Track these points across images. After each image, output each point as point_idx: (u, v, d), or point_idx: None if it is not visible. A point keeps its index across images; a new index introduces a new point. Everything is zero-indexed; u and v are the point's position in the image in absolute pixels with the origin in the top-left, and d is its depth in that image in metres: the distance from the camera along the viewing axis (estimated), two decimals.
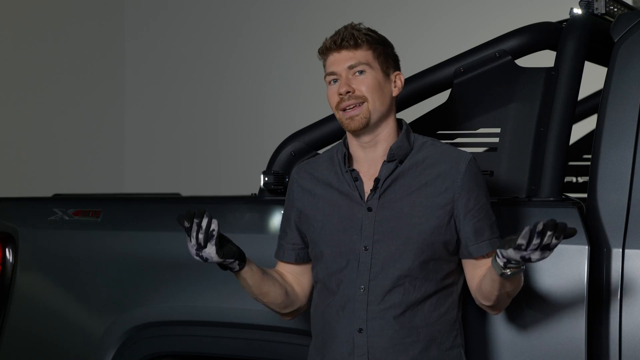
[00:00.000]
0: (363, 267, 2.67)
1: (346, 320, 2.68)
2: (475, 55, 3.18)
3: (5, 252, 3.54)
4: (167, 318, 3.30)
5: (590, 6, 3.17)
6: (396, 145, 2.71)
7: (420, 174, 2.70)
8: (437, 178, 2.68)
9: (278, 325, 3.12)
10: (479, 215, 2.68)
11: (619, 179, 2.85)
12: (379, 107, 2.70)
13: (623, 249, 2.79)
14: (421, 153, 2.72)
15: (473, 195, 2.68)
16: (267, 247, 3.18)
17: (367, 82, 2.69)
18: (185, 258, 3.30)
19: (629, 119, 2.87)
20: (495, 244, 2.69)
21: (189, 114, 7.82)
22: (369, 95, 2.69)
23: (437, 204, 2.67)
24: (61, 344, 3.48)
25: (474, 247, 2.69)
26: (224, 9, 7.70)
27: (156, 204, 3.65)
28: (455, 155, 2.72)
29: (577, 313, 2.78)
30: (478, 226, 2.68)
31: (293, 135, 3.39)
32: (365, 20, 2.80)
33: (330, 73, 2.74)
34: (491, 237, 2.69)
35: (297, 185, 2.85)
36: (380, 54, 2.73)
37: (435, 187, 2.68)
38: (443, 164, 2.70)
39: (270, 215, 3.25)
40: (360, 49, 2.71)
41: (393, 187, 2.69)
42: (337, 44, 2.72)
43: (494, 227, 2.71)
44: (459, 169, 2.68)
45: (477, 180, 2.70)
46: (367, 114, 2.69)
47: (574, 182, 4.68)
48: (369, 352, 2.65)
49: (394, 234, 2.66)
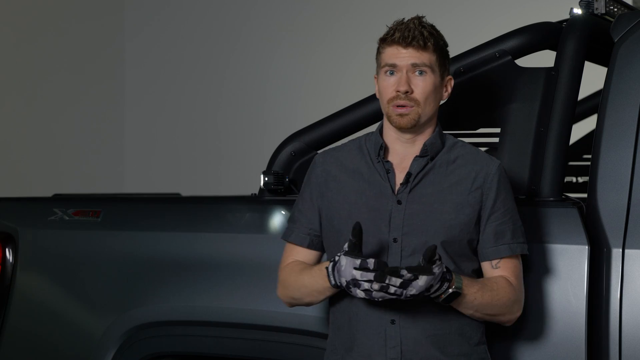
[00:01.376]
0: (393, 259, 2.67)
1: (377, 313, 2.67)
2: (475, 55, 3.18)
3: (5, 252, 3.54)
4: (167, 318, 3.30)
5: (590, 6, 3.17)
6: (430, 142, 2.73)
7: (452, 173, 2.72)
8: (468, 177, 2.71)
9: (278, 325, 3.12)
10: (503, 218, 2.70)
11: (619, 179, 2.85)
12: (429, 111, 2.72)
13: (623, 249, 2.79)
14: (452, 152, 2.75)
15: (500, 197, 2.71)
16: (267, 247, 3.19)
17: (425, 86, 2.69)
18: (185, 258, 3.31)
19: (629, 119, 2.87)
20: (515, 249, 2.70)
21: (189, 114, 7.82)
22: (423, 100, 2.70)
23: (467, 202, 2.69)
24: (61, 344, 3.48)
25: (491, 249, 2.70)
26: (224, 9, 7.70)
27: (156, 204, 3.65)
28: (486, 158, 2.76)
29: (577, 313, 2.78)
30: (499, 229, 2.70)
31: (293, 135, 3.39)
32: (365, 20, 2.79)
33: (392, 65, 2.70)
34: (511, 241, 2.71)
35: (322, 169, 2.82)
36: (441, 58, 2.73)
37: (466, 185, 2.71)
38: (474, 164, 2.73)
39: (270, 215, 3.25)
40: (427, 51, 2.69)
41: (424, 182, 2.71)
42: (407, 41, 2.68)
43: (517, 233, 2.72)
44: (489, 170, 2.72)
45: (506, 185, 2.74)
46: (417, 116, 2.70)
47: (574, 182, 4.68)
48: (402, 343, 2.65)
49: (423, 228, 2.67)
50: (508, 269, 2.71)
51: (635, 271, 2.77)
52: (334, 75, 7.08)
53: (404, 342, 2.65)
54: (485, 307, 2.66)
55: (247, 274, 3.19)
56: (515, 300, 2.71)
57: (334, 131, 3.34)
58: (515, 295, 2.70)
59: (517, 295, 2.71)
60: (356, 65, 6.90)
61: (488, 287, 2.66)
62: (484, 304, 2.65)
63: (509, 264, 2.72)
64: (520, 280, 2.74)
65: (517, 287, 2.71)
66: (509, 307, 2.70)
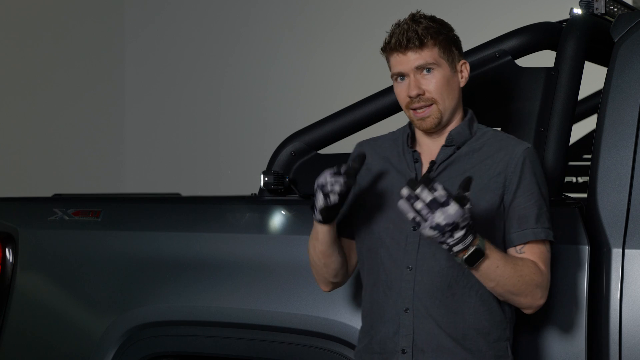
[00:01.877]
0: (411, 247, 2.65)
1: (392, 300, 2.66)
2: (475, 55, 3.18)
3: (5, 252, 3.54)
4: (167, 318, 3.30)
5: (590, 6, 3.17)
6: (456, 132, 2.71)
7: (476, 160, 2.68)
8: (492, 163, 2.66)
9: (278, 325, 3.12)
10: (527, 202, 2.63)
11: (619, 179, 2.85)
12: (449, 104, 2.69)
13: (623, 249, 2.79)
14: (480, 141, 2.71)
15: (524, 181, 2.63)
16: (267, 247, 3.19)
17: (435, 82, 2.66)
18: (185, 258, 3.31)
19: (629, 119, 2.87)
20: (538, 234, 2.62)
21: (189, 114, 7.82)
22: (438, 96, 2.67)
23: (488, 187, 2.64)
24: (61, 343, 3.48)
25: (515, 234, 2.63)
26: (224, 9, 7.70)
27: (156, 204, 3.65)
28: (514, 142, 2.69)
29: (577, 313, 2.78)
30: (523, 213, 2.63)
31: (293, 135, 3.38)
32: (365, 21, 2.79)
33: (398, 73, 2.69)
34: (536, 226, 2.62)
35: None
36: (446, 47, 2.68)
37: (488, 171, 2.66)
38: (500, 151, 2.68)
39: (270, 215, 3.25)
40: (426, 47, 2.66)
41: (448, 170, 2.68)
42: (403, 45, 2.65)
43: (542, 218, 2.63)
44: (514, 154, 2.65)
45: (532, 168, 2.65)
46: (439, 114, 2.68)
47: (574, 182, 4.68)
48: (414, 332, 2.63)
49: None
50: (534, 254, 2.63)
51: (635, 271, 2.77)
52: (334, 75, 7.08)
53: (416, 331, 2.63)
54: (507, 281, 2.56)
55: (247, 274, 3.19)
56: (540, 284, 2.61)
57: (334, 131, 3.34)
58: (541, 279, 2.61)
59: (542, 279, 2.61)
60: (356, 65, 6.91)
61: (511, 261, 2.57)
62: (505, 277, 2.55)
63: (535, 249, 2.63)
64: (547, 266, 2.64)
65: (543, 271, 2.62)
66: (532, 288, 2.59)
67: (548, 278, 2.65)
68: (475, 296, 2.63)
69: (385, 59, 2.74)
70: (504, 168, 2.65)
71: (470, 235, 2.47)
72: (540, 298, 2.63)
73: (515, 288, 2.59)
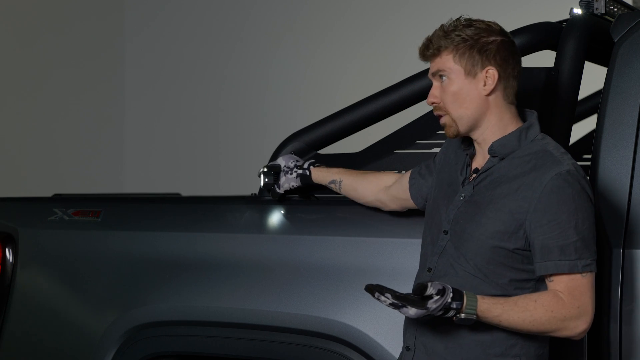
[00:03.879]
0: (437, 250, 2.69)
1: None
2: None
3: (5, 252, 3.54)
4: (167, 318, 3.30)
5: (590, 6, 3.17)
6: (498, 143, 2.67)
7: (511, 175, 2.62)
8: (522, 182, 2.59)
9: (278, 325, 3.12)
10: (550, 232, 2.54)
11: (619, 179, 2.85)
12: (464, 113, 2.67)
13: (623, 249, 2.79)
14: (524, 154, 2.65)
15: (550, 210, 2.54)
16: (267, 247, 3.19)
17: (447, 91, 2.67)
18: (185, 258, 3.31)
19: (629, 119, 2.87)
20: (562, 268, 2.54)
21: (189, 114, 7.82)
22: (449, 106, 2.67)
23: (507, 208, 2.58)
24: (61, 343, 3.48)
25: (538, 264, 2.57)
26: (224, 9, 7.70)
27: (156, 204, 3.65)
28: (550, 163, 2.59)
29: None
30: (546, 244, 2.55)
31: (293, 135, 3.38)
32: (364, 21, 2.80)
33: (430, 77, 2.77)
34: (560, 258, 2.54)
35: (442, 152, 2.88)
36: (464, 54, 2.66)
37: (515, 191, 2.60)
38: (533, 171, 2.59)
39: (270, 215, 3.25)
40: (442, 54, 2.67)
41: (486, 181, 2.67)
42: (422, 53, 2.71)
43: (568, 249, 2.54)
44: (542, 180, 2.56)
45: (562, 195, 2.55)
46: (453, 123, 2.68)
47: None
48: (417, 329, 2.68)
49: (464, 227, 2.64)
50: (562, 282, 2.56)
51: (635, 271, 2.77)
52: (334, 75, 7.08)
53: (419, 327, 2.68)
54: (518, 327, 2.54)
55: (247, 274, 3.19)
56: (566, 317, 2.53)
57: (334, 131, 3.34)
58: (565, 313, 2.53)
59: (567, 312, 2.53)
60: (356, 65, 6.91)
61: (520, 307, 2.53)
62: (513, 324, 2.53)
63: (564, 279, 2.56)
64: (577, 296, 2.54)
65: (569, 302, 2.54)
66: (555, 324, 2.53)
67: (579, 305, 2.55)
68: None
69: None
70: (530, 193, 2.57)
71: (451, 311, 2.51)
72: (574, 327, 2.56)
73: (533, 329, 2.55)
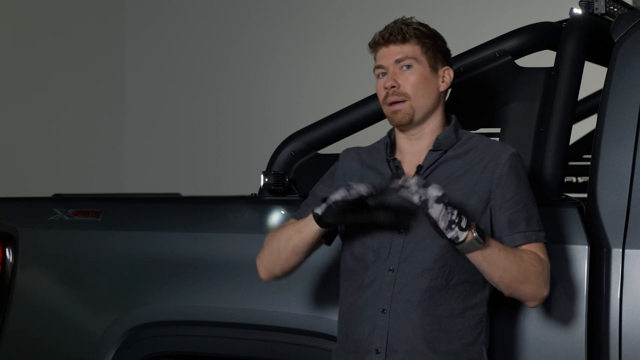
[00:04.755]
0: (395, 250, 2.68)
1: (371, 300, 2.68)
2: (475, 55, 3.18)
3: (5, 252, 3.54)
4: (167, 318, 3.30)
5: (590, 6, 3.17)
6: (443, 136, 2.75)
7: (462, 164, 2.71)
8: (478, 167, 2.70)
9: (278, 325, 3.12)
10: (516, 207, 2.66)
11: (619, 179, 2.85)
12: (423, 103, 2.73)
13: (623, 249, 2.79)
14: (465, 146, 2.75)
15: (511, 186, 2.67)
16: None
17: (412, 79, 2.72)
18: (185, 258, 3.31)
19: (629, 119, 2.87)
20: (530, 237, 2.66)
21: (189, 114, 7.82)
22: (413, 93, 2.71)
23: (473, 191, 2.68)
24: (61, 343, 3.48)
25: (507, 237, 2.66)
26: (224, 9, 7.70)
27: (156, 204, 3.65)
28: (499, 147, 2.74)
29: (577, 313, 2.78)
30: (513, 218, 2.66)
31: (293, 135, 3.39)
32: (364, 20, 2.81)
33: (379, 66, 2.76)
34: (526, 229, 2.66)
35: (345, 164, 2.85)
36: (429, 49, 2.74)
37: (474, 176, 2.69)
38: (485, 155, 2.71)
39: (270, 215, 3.25)
40: (408, 43, 2.73)
41: (434, 175, 2.71)
42: (385, 38, 2.74)
43: (531, 220, 2.67)
44: (499, 160, 2.69)
45: (518, 173, 2.69)
46: (411, 110, 2.72)
47: (574, 182, 4.68)
48: (389, 333, 2.65)
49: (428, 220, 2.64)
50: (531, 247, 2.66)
51: (635, 271, 2.77)
52: (334, 75, 7.08)
53: (391, 332, 2.65)
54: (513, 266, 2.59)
55: (247, 274, 3.19)
56: (541, 272, 2.63)
57: (334, 131, 3.34)
58: (542, 267, 2.63)
59: (543, 267, 2.63)
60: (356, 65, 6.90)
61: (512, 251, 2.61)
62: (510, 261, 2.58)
63: (532, 248, 2.66)
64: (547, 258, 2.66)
65: (543, 259, 2.64)
66: (536, 275, 2.62)
67: (549, 268, 2.66)
68: (452, 301, 2.66)
69: None
70: (490, 174, 2.69)
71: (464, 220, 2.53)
72: (545, 288, 2.65)
73: (521, 274, 2.60)
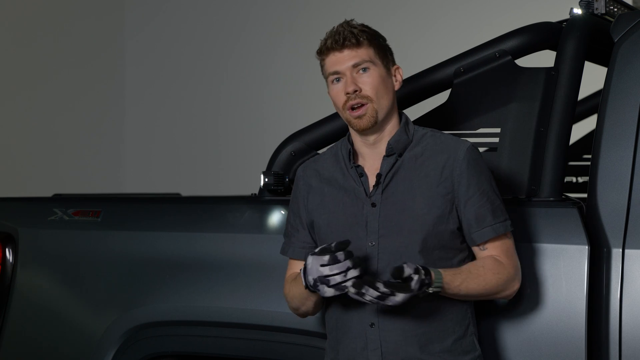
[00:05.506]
0: (371, 263, 2.68)
1: (357, 316, 2.69)
2: (475, 55, 3.18)
3: (5, 252, 3.54)
4: (167, 318, 3.30)
5: (590, 6, 3.17)
6: (394, 140, 2.74)
7: (420, 166, 2.71)
8: (437, 168, 2.70)
9: (278, 325, 3.12)
10: (480, 201, 2.68)
11: (619, 179, 2.85)
12: (384, 104, 2.72)
13: (623, 249, 2.79)
14: (420, 145, 2.74)
15: (472, 182, 2.69)
16: (267, 247, 3.19)
17: (371, 81, 2.71)
18: (185, 258, 3.31)
19: (629, 119, 2.88)
20: (498, 230, 2.69)
21: (189, 114, 7.82)
22: (374, 94, 2.70)
23: (437, 194, 2.68)
24: (61, 343, 3.48)
25: (476, 233, 2.69)
26: (224, 9, 7.70)
27: (156, 204, 3.65)
28: (454, 144, 2.73)
29: (577, 313, 2.78)
30: (479, 212, 2.68)
31: (293, 135, 3.39)
32: (365, 20, 2.80)
33: (334, 72, 2.74)
34: (493, 222, 2.69)
35: (303, 183, 2.85)
36: (380, 50, 2.75)
37: (434, 177, 2.69)
38: (442, 154, 2.71)
39: (270, 215, 3.25)
40: (362, 46, 2.72)
41: (395, 181, 2.71)
42: (340, 43, 2.72)
43: (497, 212, 2.70)
44: (456, 157, 2.69)
45: (477, 167, 2.71)
46: (374, 112, 2.70)
47: (574, 182, 4.69)
48: (382, 345, 2.66)
49: (398, 228, 2.67)
50: (496, 248, 2.70)
51: (635, 271, 2.78)
52: None
53: (383, 344, 2.66)
54: (474, 293, 2.66)
55: (247, 274, 3.19)
56: (508, 278, 2.69)
57: (334, 131, 3.34)
58: (507, 274, 2.69)
59: (508, 272, 2.69)
60: None
61: (474, 274, 2.65)
62: (471, 291, 2.65)
63: (497, 243, 2.70)
64: (511, 256, 2.72)
65: (507, 264, 2.70)
66: (502, 286, 2.68)
67: (514, 265, 2.72)
68: (436, 301, 2.67)
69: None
70: (450, 173, 2.69)
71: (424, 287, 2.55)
72: (514, 286, 2.73)
73: (486, 294, 2.69)
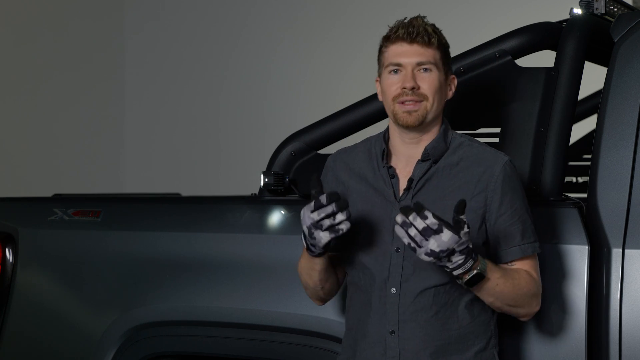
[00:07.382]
0: (395, 269, 2.64)
1: (377, 321, 2.66)
2: (475, 55, 3.18)
3: (5, 252, 3.54)
4: (167, 318, 3.30)
5: (590, 6, 3.17)
6: (431, 146, 2.68)
7: (455, 177, 2.66)
8: (471, 181, 2.65)
9: (278, 325, 3.12)
10: (511, 219, 2.64)
11: (619, 179, 2.85)
12: (436, 107, 2.67)
13: (623, 249, 2.79)
14: (457, 154, 2.69)
15: (506, 199, 2.64)
16: (267, 247, 3.19)
17: (431, 82, 2.65)
18: (185, 258, 3.31)
19: (629, 119, 2.87)
20: (526, 251, 2.65)
21: (189, 114, 7.82)
22: (431, 95, 2.65)
23: (469, 208, 2.59)
24: (61, 343, 3.49)
25: (504, 251, 2.65)
26: (224, 9, 7.70)
27: (156, 204, 3.65)
28: (491, 157, 2.68)
29: (577, 313, 2.78)
30: (509, 231, 2.64)
31: (293, 135, 3.39)
32: (365, 20, 2.79)
33: (396, 64, 2.67)
34: (522, 242, 2.65)
35: (332, 174, 2.81)
36: (445, 56, 2.71)
37: (468, 190, 2.64)
38: (478, 166, 2.66)
39: (270, 215, 3.25)
40: (432, 47, 2.66)
41: (426, 187, 2.66)
42: (412, 36, 2.65)
43: (527, 233, 2.66)
44: (493, 172, 2.65)
45: (512, 184, 2.66)
46: (425, 112, 2.65)
47: (574, 182, 4.68)
48: (400, 354, 2.63)
49: None
50: (525, 264, 2.67)
51: (635, 271, 2.77)
52: (334, 75, 7.08)
53: (402, 353, 2.63)
54: (506, 296, 2.60)
55: (247, 274, 3.19)
56: (535, 293, 2.66)
57: (334, 131, 3.34)
58: (536, 289, 2.66)
59: (537, 288, 2.66)
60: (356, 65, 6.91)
61: (510, 276, 2.60)
62: (505, 293, 2.59)
63: (526, 261, 2.66)
64: (538, 274, 2.68)
65: (536, 280, 2.66)
66: (529, 299, 2.64)
67: (540, 284, 2.69)
68: (459, 312, 2.64)
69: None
70: (484, 188, 2.65)
71: (470, 260, 2.50)
72: (536, 306, 2.69)
73: (514, 301, 2.63)
